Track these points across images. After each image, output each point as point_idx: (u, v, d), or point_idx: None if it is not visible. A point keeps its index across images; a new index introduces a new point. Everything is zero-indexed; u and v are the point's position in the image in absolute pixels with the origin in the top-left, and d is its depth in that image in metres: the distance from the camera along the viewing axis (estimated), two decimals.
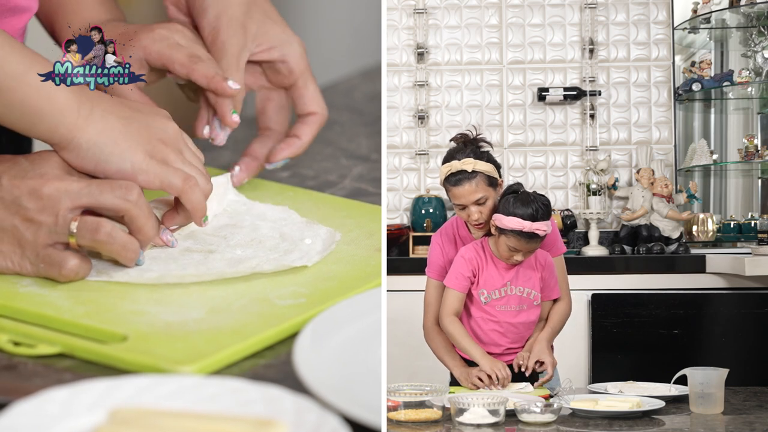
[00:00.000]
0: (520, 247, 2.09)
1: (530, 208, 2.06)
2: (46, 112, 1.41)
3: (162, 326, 1.34)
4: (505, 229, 2.07)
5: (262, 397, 1.17)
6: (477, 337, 2.17)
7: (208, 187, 1.52)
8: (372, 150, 1.92)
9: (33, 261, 1.42)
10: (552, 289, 2.20)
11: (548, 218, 2.09)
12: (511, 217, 2.06)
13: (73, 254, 1.42)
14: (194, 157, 1.53)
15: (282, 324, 1.36)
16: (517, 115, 3.72)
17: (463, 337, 2.15)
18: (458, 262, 2.16)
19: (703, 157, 3.59)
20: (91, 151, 1.43)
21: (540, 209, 2.07)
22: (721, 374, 1.88)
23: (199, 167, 1.52)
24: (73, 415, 1.14)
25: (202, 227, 1.55)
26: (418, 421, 1.78)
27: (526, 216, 2.05)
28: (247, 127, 2.01)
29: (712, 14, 3.61)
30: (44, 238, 1.41)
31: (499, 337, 2.16)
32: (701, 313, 3.18)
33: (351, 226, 1.62)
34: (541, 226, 2.06)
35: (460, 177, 2.12)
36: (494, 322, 2.16)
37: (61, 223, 1.40)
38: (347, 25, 3.56)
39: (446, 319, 2.17)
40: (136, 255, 1.46)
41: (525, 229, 2.05)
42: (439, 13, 3.73)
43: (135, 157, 1.45)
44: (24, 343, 1.32)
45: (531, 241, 2.08)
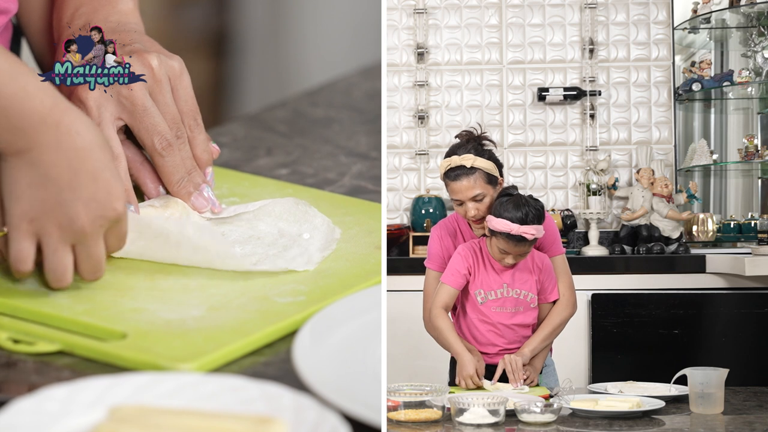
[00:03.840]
0: (510, 250, 2.09)
1: (520, 211, 2.06)
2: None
3: (161, 324, 1.34)
4: (495, 230, 2.08)
5: (262, 395, 1.17)
6: (473, 337, 2.17)
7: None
8: (371, 148, 1.92)
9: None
10: (550, 292, 2.20)
11: (539, 222, 2.09)
12: (500, 219, 2.06)
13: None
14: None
15: (281, 321, 1.36)
16: (517, 115, 3.72)
17: (449, 331, 2.14)
18: (455, 259, 2.17)
19: (703, 157, 3.59)
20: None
21: (530, 213, 2.06)
22: (721, 374, 1.87)
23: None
24: (72, 413, 1.14)
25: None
26: (418, 421, 1.77)
27: (515, 219, 2.05)
28: (248, 126, 2.02)
29: (712, 14, 3.61)
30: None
31: (495, 337, 2.16)
32: (701, 313, 3.18)
33: (350, 223, 1.62)
34: (529, 230, 2.05)
35: (459, 172, 2.12)
36: (489, 323, 2.15)
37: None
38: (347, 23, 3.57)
39: (434, 311, 2.16)
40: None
41: (513, 232, 2.05)
42: (439, 13, 3.73)
43: (12, 220, 1.37)
44: (23, 340, 1.32)
45: (519, 245, 2.08)
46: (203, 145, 1.61)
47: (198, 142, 1.60)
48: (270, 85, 3.79)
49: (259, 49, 3.80)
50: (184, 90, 1.59)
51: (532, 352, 2.14)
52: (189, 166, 1.59)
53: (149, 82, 1.54)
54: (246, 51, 3.85)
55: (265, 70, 3.84)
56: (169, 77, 1.56)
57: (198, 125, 1.60)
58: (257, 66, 3.84)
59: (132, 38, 1.57)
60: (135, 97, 1.53)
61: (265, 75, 3.83)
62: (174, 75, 1.57)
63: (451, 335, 2.14)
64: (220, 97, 3.82)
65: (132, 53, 1.53)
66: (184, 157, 1.58)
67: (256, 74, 3.84)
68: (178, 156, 1.57)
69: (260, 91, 3.81)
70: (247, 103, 3.80)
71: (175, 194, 1.59)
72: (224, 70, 3.86)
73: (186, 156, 1.59)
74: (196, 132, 1.60)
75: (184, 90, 1.59)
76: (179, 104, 1.57)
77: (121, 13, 1.62)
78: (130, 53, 1.53)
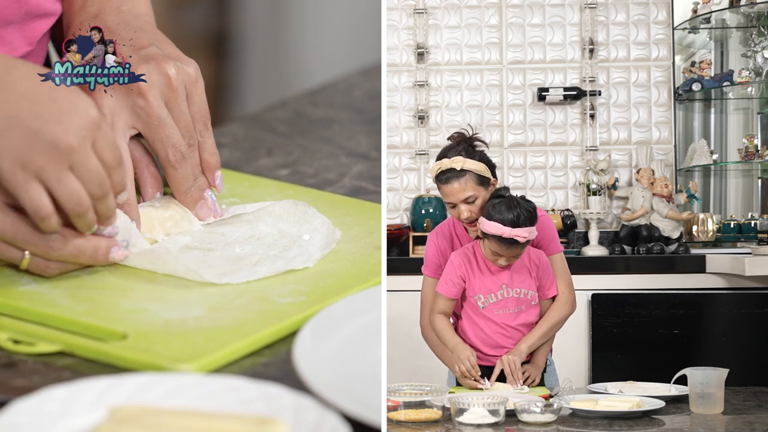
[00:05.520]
0: (502, 252, 2.09)
1: (512, 213, 2.05)
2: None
3: (162, 324, 1.34)
4: (486, 233, 2.07)
5: (262, 396, 1.17)
6: (481, 341, 2.16)
7: (89, 217, 1.41)
8: (371, 148, 1.92)
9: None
10: (548, 288, 2.19)
11: (532, 224, 2.08)
12: (492, 222, 2.06)
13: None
14: (92, 175, 1.39)
15: (282, 322, 1.36)
16: (517, 115, 3.72)
17: (446, 329, 2.16)
18: (448, 268, 2.17)
19: (703, 157, 3.59)
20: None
21: (522, 215, 2.05)
22: (721, 374, 1.87)
23: (95, 190, 1.41)
24: (72, 414, 1.14)
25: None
26: (418, 421, 1.77)
27: (506, 221, 2.05)
28: (248, 126, 2.01)
29: (712, 14, 3.61)
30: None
31: (503, 339, 2.16)
32: (701, 313, 3.18)
33: (351, 224, 1.62)
34: (521, 233, 2.05)
35: (449, 175, 2.13)
36: (495, 324, 2.15)
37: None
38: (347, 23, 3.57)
39: (432, 315, 2.19)
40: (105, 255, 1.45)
41: (504, 235, 2.05)
42: (439, 13, 3.73)
43: (2, 164, 1.35)
44: (23, 341, 1.32)
45: (511, 247, 2.07)
46: (212, 149, 1.61)
47: (207, 146, 1.60)
48: (270, 85, 3.79)
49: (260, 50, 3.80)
50: (198, 96, 1.58)
51: (529, 348, 2.14)
52: (196, 173, 1.59)
53: (165, 91, 1.52)
54: (246, 51, 3.85)
55: (265, 71, 3.84)
56: (185, 85, 1.55)
57: (207, 130, 1.60)
58: (257, 66, 3.85)
59: (149, 40, 1.56)
60: (151, 108, 1.51)
61: (265, 75, 3.83)
62: (190, 82, 1.56)
63: (448, 332, 2.15)
64: (220, 97, 3.82)
65: (150, 60, 1.52)
66: (194, 165, 1.58)
67: (257, 74, 3.84)
68: (189, 166, 1.57)
69: (260, 92, 3.82)
70: (248, 104, 3.80)
71: (183, 202, 1.59)
72: (224, 70, 3.86)
73: (195, 163, 1.59)
74: (206, 136, 1.60)
75: (198, 96, 1.58)
76: (192, 110, 1.57)
77: (133, 2, 1.62)
78: (148, 59, 1.52)
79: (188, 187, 1.58)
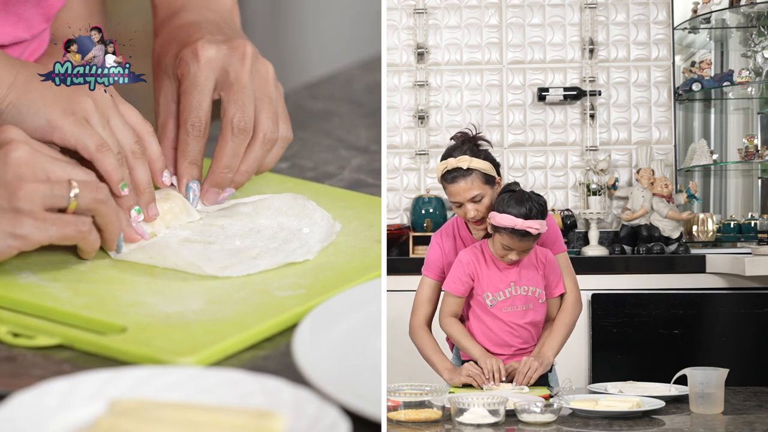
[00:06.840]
0: (514, 246, 2.09)
1: (524, 206, 2.06)
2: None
3: (161, 317, 1.34)
4: (499, 226, 2.07)
5: (262, 389, 1.17)
6: (488, 339, 2.16)
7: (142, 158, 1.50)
8: (371, 141, 1.92)
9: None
10: (555, 286, 2.20)
11: (543, 218, 2.09)
12: (504, 215, 2.06)
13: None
14: (124, 127, 1.49)
15: (281, 315, 1.36)
16: (517, 115, 3.72)
17: (463, 336, 2.15)
18: (456, 267, 2.17)
19: (703, 157, 3.59)
20: (10, 114, 1.42)
21: (534, 208, 2.06)
22: (721, 374, 1.87)
23: (128, 137, 1.49)
24: (72, 407, 1.13)
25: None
26: (418, 421, 1.77)
27: (519, 214, 2.05)
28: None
29: (712, 14, 3.61)
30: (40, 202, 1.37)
31: (511, 338, 2.15)
32: (701, 313, 3.18)
33: (350, 217, 1.62)
34: (533, 225, 2.06)
35: (456, 174, 2.13)
36: (503, 323, 2.15)
37: (58, 191, 1.37)
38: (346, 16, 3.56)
39: (444, 320, 2.18)
40: (117, 235, 1.46)
41: (517, 226, 2.05)
42: (439, 13, 3.73)
43: (51, 113, 1.42)
44: (23, 334, 1.32)
45: (524, 240, 2.08)
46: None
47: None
48: None
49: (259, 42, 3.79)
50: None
51: (555, 356, 2.16)
52: (236, 164, 1.63)
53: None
54: None
55: None
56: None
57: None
58: None
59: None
60: (240, 74, 1.60)
61: None
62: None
63: (465, 339, 2.14)
64: None
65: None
66: (239, 150, 1.62)
67: None
68: (240, 146, 1.61)
69: None
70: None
71: (215, 177, 1.61)
72: None
73: (241, 151, 1.63)
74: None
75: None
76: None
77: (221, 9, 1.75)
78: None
79: (226, 165, 1.61)
